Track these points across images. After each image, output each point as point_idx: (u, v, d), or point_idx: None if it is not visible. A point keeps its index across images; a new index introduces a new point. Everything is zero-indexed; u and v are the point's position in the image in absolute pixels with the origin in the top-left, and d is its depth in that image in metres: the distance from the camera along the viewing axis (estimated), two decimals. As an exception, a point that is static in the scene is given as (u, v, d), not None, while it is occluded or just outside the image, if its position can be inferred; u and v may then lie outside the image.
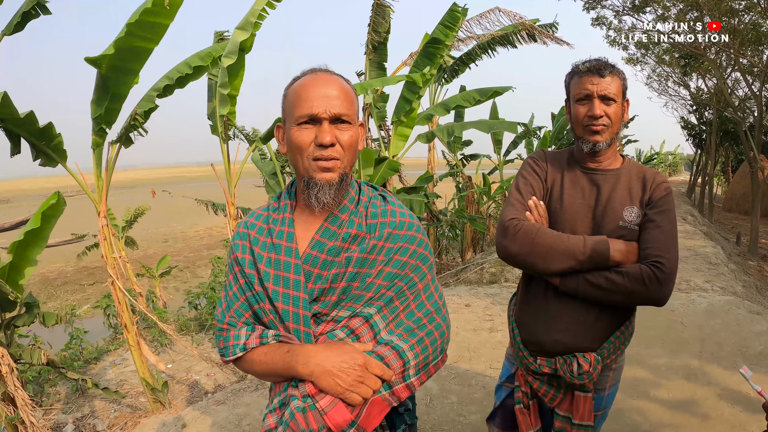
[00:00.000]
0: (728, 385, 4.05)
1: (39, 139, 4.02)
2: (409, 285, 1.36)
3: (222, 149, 5.17)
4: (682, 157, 72.76)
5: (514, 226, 1.79)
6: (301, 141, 1.28)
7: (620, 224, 1.78)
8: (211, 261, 9.99)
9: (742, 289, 7.38)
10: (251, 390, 4.20)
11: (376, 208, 1.39)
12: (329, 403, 1.21)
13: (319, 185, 1.28)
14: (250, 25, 4.56)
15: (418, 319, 1.35)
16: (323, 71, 1.34)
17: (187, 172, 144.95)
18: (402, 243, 1.36)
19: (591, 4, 13.21)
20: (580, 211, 1.83)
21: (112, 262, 4.53)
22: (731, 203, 24.37)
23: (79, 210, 19.82)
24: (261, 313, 1.34)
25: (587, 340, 1.81)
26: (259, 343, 1.31)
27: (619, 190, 1.81)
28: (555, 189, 1.90)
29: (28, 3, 4.17)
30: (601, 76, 1.76)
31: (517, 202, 1.88)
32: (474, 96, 7.74)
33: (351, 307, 1.32)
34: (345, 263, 1.31)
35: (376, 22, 7.70)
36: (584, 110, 1.79)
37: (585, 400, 1.83)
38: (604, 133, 1.79)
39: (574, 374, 1.79)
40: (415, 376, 1.33)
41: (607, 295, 1.73)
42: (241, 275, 1.38)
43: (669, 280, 1.67)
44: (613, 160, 1.88)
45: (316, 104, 1.26)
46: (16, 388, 3.94)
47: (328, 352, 1.24)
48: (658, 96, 23.80)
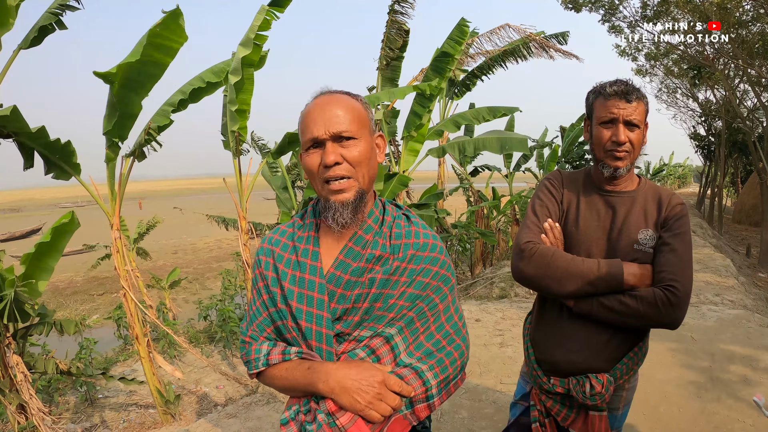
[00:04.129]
0: (739, 399, 4.03)
1: (52, 152, 4.08)
2: (430, 306, 1.36)
3: (234, 164, 5.22)
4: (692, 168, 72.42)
5: (530, 249, 1.81)
6: (310, 165, 1.31)
7: (635, 247, 1.78)
8: (221, 273, 10.03)
9: (752, 302, 7.34)
10: (262, 404, 4.22)
11: (400, 228, 1.39)
12: (349, 420, 1.23)
13: (335, 207, 1.29)
14: (250, 42, 4.63)
15: (437, 341, 1.37)
16: (326, 93, 1.35)
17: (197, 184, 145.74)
18: (425, 265, 1.36)
19: (606, 17, 13.50)
20: (596, 234, 1.85)
21: (125, 274, 4.58)
22: (741, 215, 24.23)
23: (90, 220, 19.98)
24: (284, 329, 1.36)
25: (600, 361, 1.82)
26: (282, 360, 1.33)
27: (635, 213, 1.82)
28: (571, 211, 1.91)
29: (45, 18, 4.25)
30: (628, 101, 1.75)
31: (533, 225, 1.89)
32: (483, 115, 7.83)
33: (373, 327, 1.32)
34: (368, 284, 1.31)
35: (390, 38, 7.79)
36: (608, 134, 1.79)
37: (600, 419, 1.84)
38: (626, 159, 1.79)
39: (586, 395, 1.80)
40: (437, 396, 1.34)
41: (621, 318, 1.73)
42: (265, 291, 1.39)
43: (682, 304, 1.67)
44: (630, 182, 1.89)
45: (318, 127, 1.27)
46: (31, 397, 3.99)
47: (348, 370, 1.25)
48: (667, 108, 23.80)
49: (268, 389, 4.58)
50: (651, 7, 12.60)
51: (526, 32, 9.29)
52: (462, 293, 8.70)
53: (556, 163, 14.81)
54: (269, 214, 18.98)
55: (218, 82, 4.76)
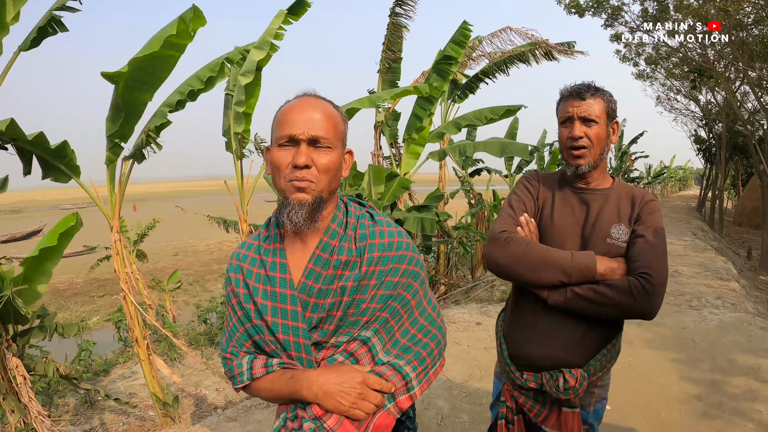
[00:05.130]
0: (740, 402, 4.02)
1: (51, 156, 4.07)
2: (402, 303, 1.39)
3: (236, 166, 5.22)
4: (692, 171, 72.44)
5: (505, 238, 1.84)
6: (280, 161, 1.30)
7: (608, 241, 1.81)
8: (222, 275, 10.02)
9: (754, 305, 7.32)
10: (262, 407, 4.21)
11: (364, 229, 1.39)
12: (336, 422, 1.27)
13: (292, 204, 1.29)
14: (267, 45, 4.64)
15: (413, 335, 1.40)
16: (310, 95, 1.36)
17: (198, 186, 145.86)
18: (392, 264, 1.37)
19: (609, 22, 13.68)
20: (570, 229, 1.88)
21: (125, 276, 4.57)
22: (742, 217, 24.23)
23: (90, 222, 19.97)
24: (262, 343, 1.38)
25: (574, 355, 1.83)
26: (265, 372, 1.36)
27: (608, 209, 1.86)
28: (546, 207, 1.95)
29: (45, 19, 4.25)
30: (582, 98, 1.82)
31: (508, 217, 1.93)
32: (486, 115, 7.77)
33: (348, 332, 1.35)
34: (340, 292, 1.32)
35: (391, 41, 7.79)
36: (566, 132, 1.86)
37: (573, 416, 1.85)
38: (586, 156, 1.84)
39: (560, 389, 1.81)
40: (417, 387, 1.37)
41: (596, 308, 1.74)
42: (239, 307, 1.40)
43: (657, 293, 1.69)
44: (602, 180, 1.93)
45: (297, 126, 1.28)
46: (30, 399, 3.97)
47: (329, 375, 1.29)
48: (668, 112, 23.83)
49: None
50: (651, 13, 12.71)
51: (528, 34, 9.27)
52: (463, 296, 8.68)
53: (557, 165, 14.80)
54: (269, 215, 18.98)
55: (214, 77, 4.74)
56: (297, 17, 5.01)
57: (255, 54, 4.67)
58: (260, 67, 4.79)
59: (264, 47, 4.67)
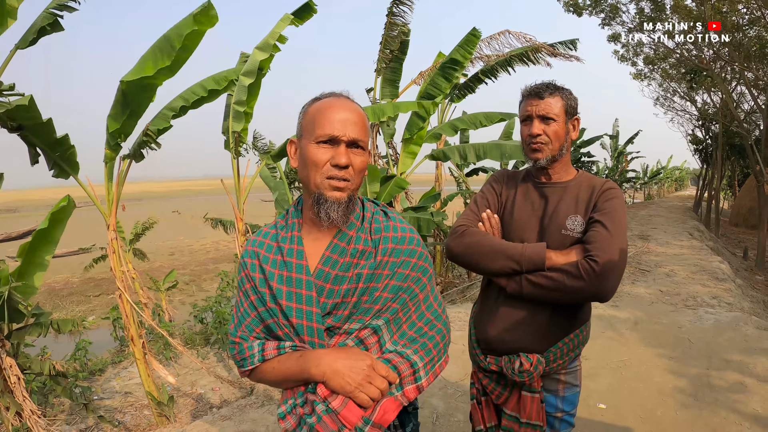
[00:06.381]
0: (736, 402, 4.03)
1: (53, 149, 4.08)
2: (411, 296, 1.45)
3: (233, 165, 5.22)
4: (689, 171, 72.60)
5: (462, 230, 1.96)
6: (318, 158, 1.35)
7: (563, 232, 1.88)
8: (219, 275, 10.02)
9: (750, 305, 7.34)
10: (257, 406, 4.20)
11: (378, 223, 1.48)
12: (341, 404, 1.30)
13: (330, 202, 1.36)
14: (269, 47, 4.64)
15: (419, 328, 1.45)
16: (345, 97, 1.43)
17: (195, 185, 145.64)
18: (404, 257, 1.44)
19: (606, 21, 13.74)
20: (529, 221, 1.96)
21: (120, 275, 4.56)
22: (738, 217, 24.27)
23: (86, 222, 19.92)
24: (275, 327, 1.41)
25: (533, 341, 1.91)
26: (277, 354, 1.39)
27: (566, 201, 1.93)
28: (508, 203, 2.05)
29: (43, 19, 4.24)
30: (540, 97, 1.90)
31: (471, 213, 2.06)
32: (480, 120, 7.88)
33: (361, 319, 1.39)
34: (356, 279, 1.39)
35: (389, 39, 7.79)
36: (526, 130, 1.95)
37: (532, 400, 1.92)
38: (544, 151, 1.92)
39: (514, 372, 1.89)
40: (424, 378, 1.41)
41: (550, 294, 1.80)
42: (253, 291, 1.44)
43: (607, 274, 1.72)
44: (564, 174, 2.00)
45: (337, 126, 1.34)
46: (24, 399, 3.96)
47: (338, 354, 1.33)
48: (665, 112, 23.87)
49: (264, 392, 4.56)
50: (647, 13, 12.76)
51: (526, 38, 9.28)
52: (459, 295, 8.69)
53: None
54: (267, 216, 18.96)
55: (219, 90, 4.77)
56: (302, 21, 5.02)
57: (257, 55, 4.67)
58: (262, 68, 4.80)
59: (266, 49, 4.68)
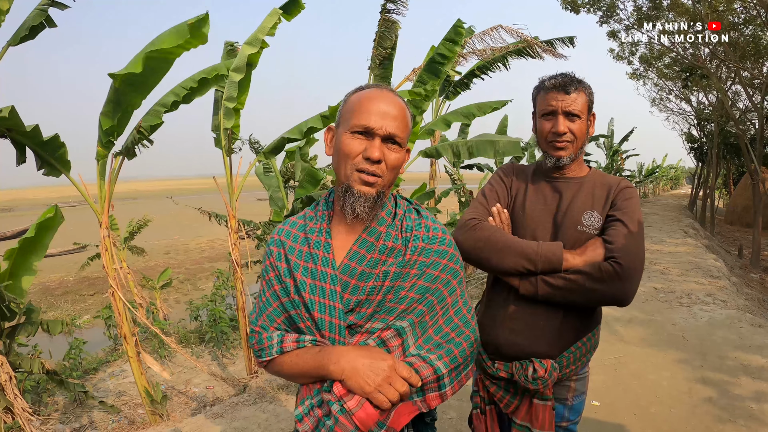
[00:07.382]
0: (730, 398, 4.03)
1: (43, 149, 4.05)
2: (439, 299, 1.38)
3: (225, 162, 5.19)
4: (684, 170, 72.75)
5: (473, 225, 1.83)
6: (351, 149, 1.30)
7: (578, 228, 1.78)
8: (213, 273, 9.99)
9: (744, 302, 7.35)
10: (249, 404, 4.18)
11: (410, 221, 1.42)
12: (356, 404, 1.23)
13: (357, 196, 1.30)
14: (258, 42, 4.61)
15: (446, 333, 1.37)
16: (389, 90, 1.37)
17: (189, 184, 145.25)
18: (434, 257, 1.38)
19: (604, 19, 13.71)
20: (541, 217, 1.86)
21: (113, 273, 4.53)
22: (733, 216, 24.34)
23: (81, 220, 19.85)
24: (297, 318, 1.36)
25: (546, 345, 1.80)
26: (296, 347, 1.34)
27: (581, 197, 1.83)
28: (518, 197, 1.94)
29: (36, 17, 4.21)
30: (567, 92, 1.78)
31: (480, 206, 1.93)
32: (473, 112, 7.80)
33: (384, 318, 1.33)
34: (383, 277, 1.33)
35: (383, 36, 7.76)
36: (549, 126, 1.82)
37: (545, 409, 1.81)
38: (568, 149, 1.82)
39: (528, 378, 1.78)
40: (449, 386, 1.34)
41: (567, 296, 1.71)
42: (277, 281, 1.40)
43: (629, 277, 1.65)
44: (578, 170, 1.90)
45: (374, 118, 1.29)
46: (15, 397, 3.93)
47: (359, 352, 1.27)
48: (660, 111, 23.94)
49: (256, 389, 4.54)
50: (644, 11, 12.75)
51: (518, 33, 9.27)
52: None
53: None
54: (262, 214, 18.91)
55: (209, 80, 4.73)
56: (291, 17, 4.98)
57: (246, 50, 4.64)
58: (251, 63, 4.77)
59: (255, 44, 4.64)
